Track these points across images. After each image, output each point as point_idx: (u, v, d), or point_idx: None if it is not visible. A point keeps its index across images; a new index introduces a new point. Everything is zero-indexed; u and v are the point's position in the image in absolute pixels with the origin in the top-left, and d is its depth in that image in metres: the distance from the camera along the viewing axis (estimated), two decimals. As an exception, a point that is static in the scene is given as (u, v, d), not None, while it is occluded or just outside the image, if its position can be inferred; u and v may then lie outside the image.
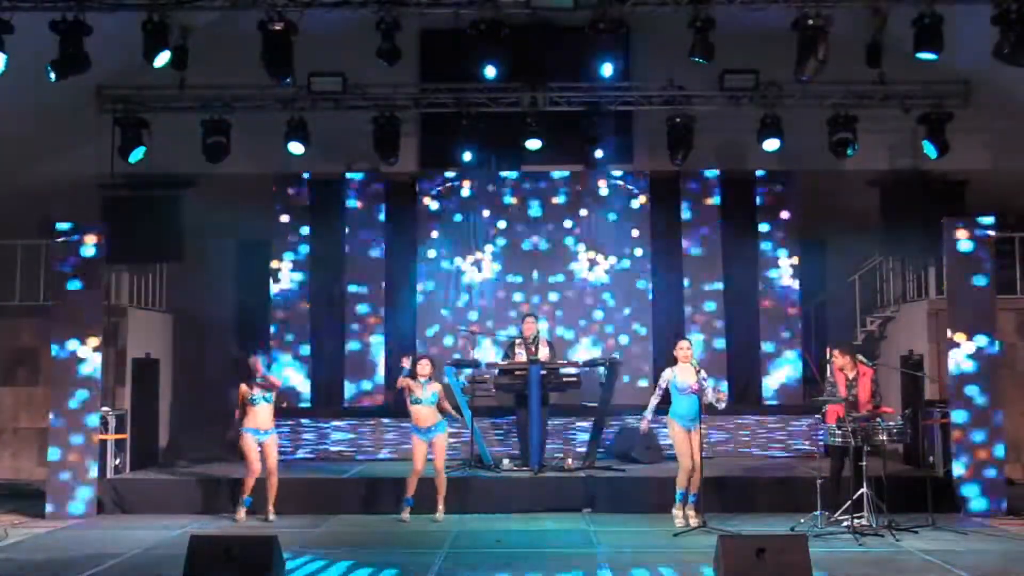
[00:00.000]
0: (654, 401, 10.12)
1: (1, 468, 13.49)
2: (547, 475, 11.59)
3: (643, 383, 13.99)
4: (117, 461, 11.79)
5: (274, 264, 14.43)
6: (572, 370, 12.33)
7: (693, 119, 12.98)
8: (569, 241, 14.54)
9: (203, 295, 14.69)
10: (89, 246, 11.29)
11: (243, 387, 10.48)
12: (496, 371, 12.36)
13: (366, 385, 14.33)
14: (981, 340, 10.93)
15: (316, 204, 14.58)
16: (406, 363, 10.52)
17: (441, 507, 10.60)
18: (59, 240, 11.34)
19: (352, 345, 14.39)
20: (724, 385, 10.25)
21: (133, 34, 10.38)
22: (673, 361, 10.10)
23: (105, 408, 11.70)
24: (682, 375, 9.98)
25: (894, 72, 12.16)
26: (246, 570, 7.42)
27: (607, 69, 11.23)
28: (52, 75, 10.15)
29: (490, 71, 11.16)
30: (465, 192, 14.62)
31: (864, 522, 9.51)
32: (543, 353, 12.14)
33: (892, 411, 10.48)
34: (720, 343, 14.24)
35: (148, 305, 14.23)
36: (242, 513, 10.48)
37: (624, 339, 14.34)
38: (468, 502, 11.04)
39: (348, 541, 9.69)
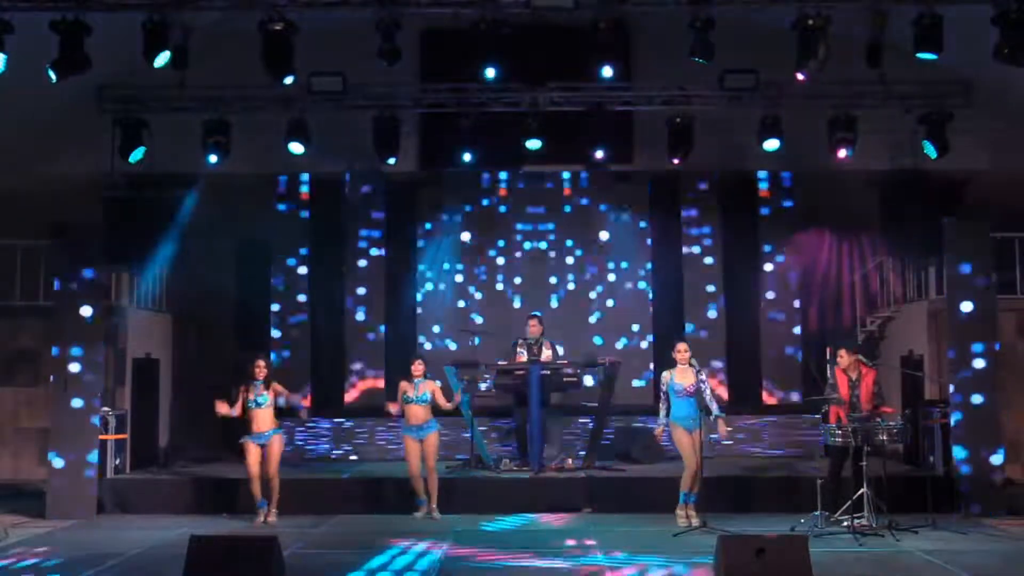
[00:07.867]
0: (663, 408, 10.11)
1: (1, 468, 13.48)
2: (547, 475, 11.58)
3: (640, 383, 14.01)
4: (117, 461, 11.78)
5: (273, 264, 14.41)
6: (572, 370, 12.31)
7: (693, 119, 12.97)
8: (569, 241, 14.53)
9: (203, 295, 14.67)
10: (89, 246, 11.26)
11: (241, 392, 10.47)
12: (495, 372, 12.35)
13: (366, 385, 14.32)
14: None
15: (316, 204, 14.57)
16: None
17: (434, 506, 10.58)
18: (59, 240, 11.32)
19: (352, 344, 14.38)
20: (717, 408, 10.24)
21: (133, 34, 10.37)
22: (672, 363, 10.11)
23: (105, 408, 11.69)
24: (679, 377, 9.97)
25: (894, 72, 12.12)
26: (246, 570, 7.44)
27: (607, 70, 11.21)
28: (53, 76, 10.14)
29: (490, 71, 11.15)
30: (465, 192, 14.61)
31: (864, 522, 9.50)
32: (546, 355, 12.11)
33: (892, 411, 10.48)
34: (720, 343, 14.25)
35: (148, 305, 14.22)
36: (260, 517, 10.43)
37: (623, 340, 14.33)
38: (468, 502, 11.03)
39: (348, 541, 9.68)
